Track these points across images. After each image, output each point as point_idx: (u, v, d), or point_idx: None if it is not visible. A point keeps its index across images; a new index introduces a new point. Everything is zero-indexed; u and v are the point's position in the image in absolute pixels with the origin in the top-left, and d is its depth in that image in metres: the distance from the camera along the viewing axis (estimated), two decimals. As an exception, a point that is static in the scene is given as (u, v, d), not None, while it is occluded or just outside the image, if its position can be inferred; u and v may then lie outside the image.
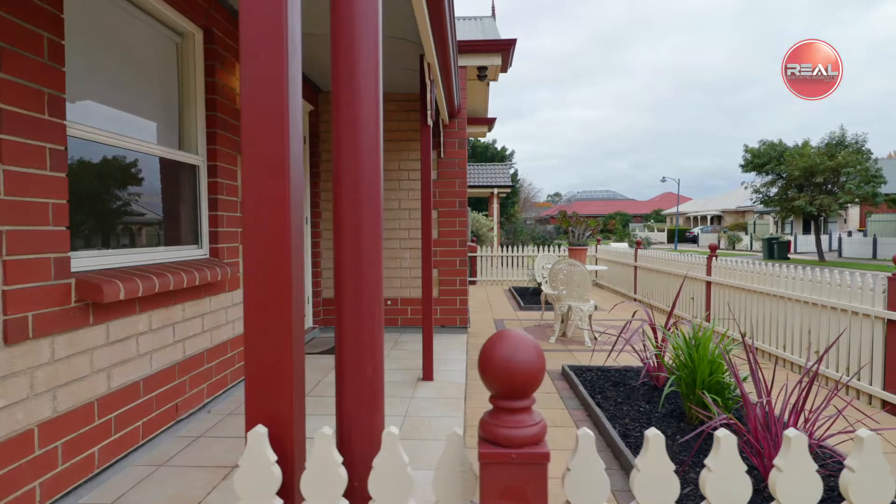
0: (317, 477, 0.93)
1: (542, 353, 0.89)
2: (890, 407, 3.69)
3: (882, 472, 1.01)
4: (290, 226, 1.01)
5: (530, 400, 0.88)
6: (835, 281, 4.25)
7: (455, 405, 3.88)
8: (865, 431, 1.04)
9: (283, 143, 1.03)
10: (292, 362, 0.98)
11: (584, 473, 0.97)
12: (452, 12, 3.65)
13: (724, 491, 1.02)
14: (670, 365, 3.43)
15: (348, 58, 1.14)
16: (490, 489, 0.84)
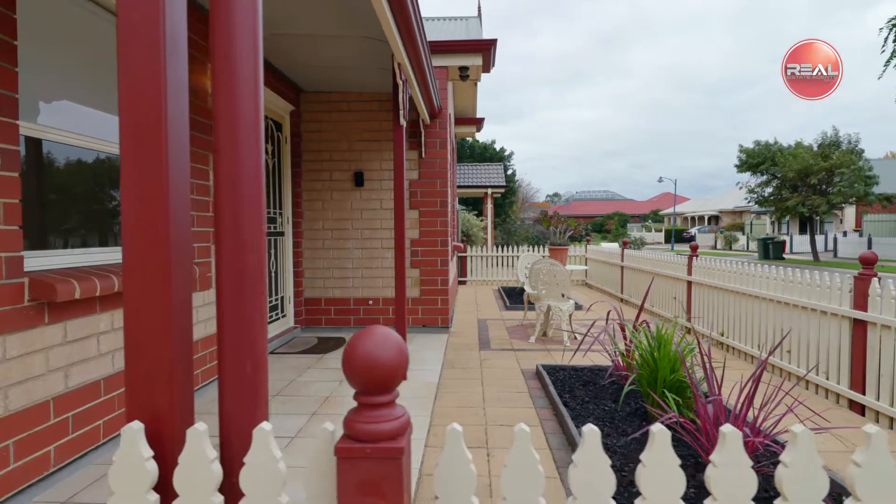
0: (189, 473, 0.94)
1: (404, 350, 0.90)
2: (856, 406, 3.70)
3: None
4: (168, 221, 1.02)
5: (392, 395, 0.89)
6: (805, 280, 4.26)
7: (424, 405, 3.89)
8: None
9: (159, 122, 1.04)
10: (171, 360, 0.99)
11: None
12: (418, 12, 3.67)
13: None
14: (635, 364, 3.44)
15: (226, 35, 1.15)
16: (346, 483, 0.85)
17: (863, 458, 1.02)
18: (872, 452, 1.02)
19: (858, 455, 1.03)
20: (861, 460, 1.02)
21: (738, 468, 1.03)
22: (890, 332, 3.41)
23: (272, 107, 5.88)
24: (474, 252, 12.29)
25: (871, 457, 1.02)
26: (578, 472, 1.03)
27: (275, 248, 6.03)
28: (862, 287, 3.65)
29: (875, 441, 1.02)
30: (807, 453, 1.02)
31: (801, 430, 1.04)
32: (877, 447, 1.02)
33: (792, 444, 1.04)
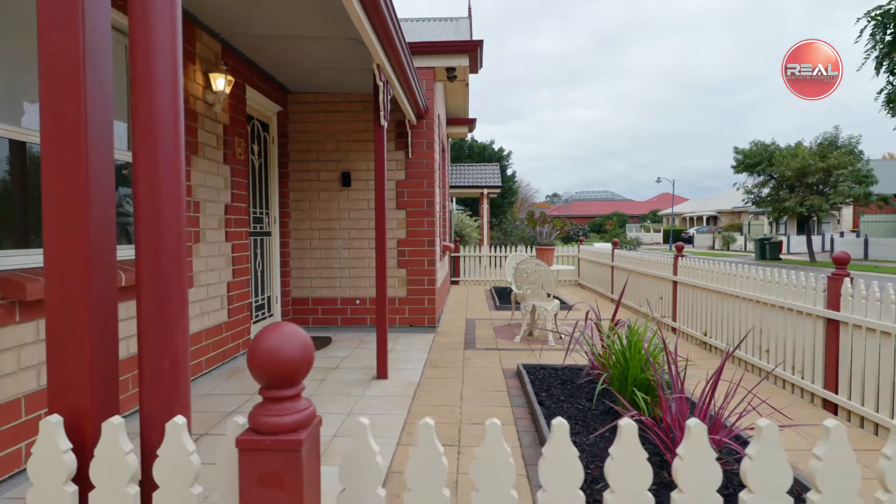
0: (104, 464, 0.97)
1: (308, 345, 0.93)
2: (830, 405, 3.72)
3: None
4: (88, 222, 1.04)
5: (296, 389, 0.92)
6: (782, 280, 4.28)
7: (402, 403, 3.92)
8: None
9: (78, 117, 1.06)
10: (91, 358, 1.02)
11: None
12: (393, 13, 3.69)
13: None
14: (608, 364, 3.47)
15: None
16: (247, 475, 0.88)
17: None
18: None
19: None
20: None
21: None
22: (861, 331, 3.44)
23: (259, 107, 5.91)
24: (467, 252, 12.32)
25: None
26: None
27: (261, 248, 6.06)
28: (835, 287, 3.68)
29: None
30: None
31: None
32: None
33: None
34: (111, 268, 1.14)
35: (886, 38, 7.35)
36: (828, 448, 1.05)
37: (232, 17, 4.34)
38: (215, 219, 4.67)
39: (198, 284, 4.35)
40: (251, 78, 5.47)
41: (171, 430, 0.97)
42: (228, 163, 4.91)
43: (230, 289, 4.94)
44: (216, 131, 4.70)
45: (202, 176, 4.44)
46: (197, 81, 4.38)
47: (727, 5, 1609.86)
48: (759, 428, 1.07)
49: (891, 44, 7.42)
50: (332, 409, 3.78)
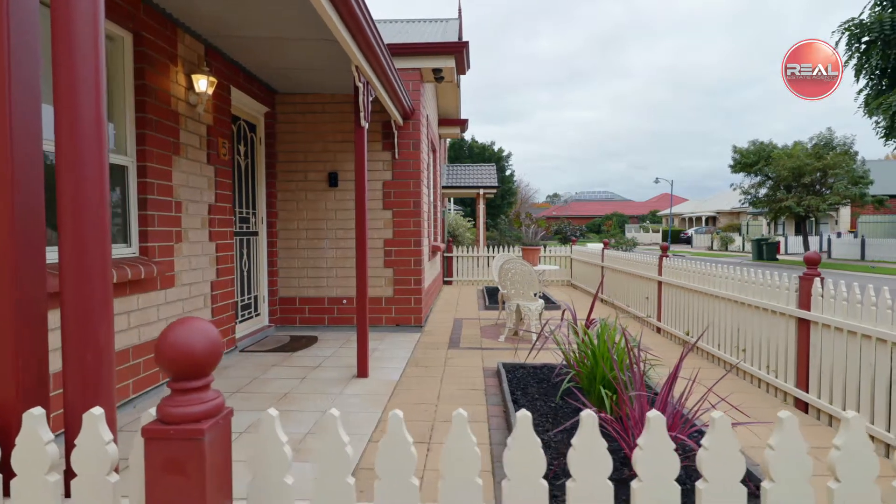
0: (25, 454, 1.01)
1: (215, 340, 0.97)
2: (801, 404, 3.76)
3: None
4: (12, 216, 1.08)
5: (203, 381, 0.96)
6: (758, 280, 4.32)
7: (378, 402, 3.96)
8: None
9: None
10: (14, 352, 1.06)
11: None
12: (367, 14, 3.73)
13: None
14: (577, 362, 3.50)
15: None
16: (152, 462, 0.92)
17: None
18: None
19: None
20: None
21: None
22: (829, 331, 3.47)
23: (245, 108, 5.95)
24: (460, 252, 12.37)
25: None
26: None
27: (248, 248, 6.10)
28: (805, 287, 3.71)
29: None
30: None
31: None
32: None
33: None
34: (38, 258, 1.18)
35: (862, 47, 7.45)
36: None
37: (214, 20, 4.38)
38: (198, 218, 4.71)
39: (179, 284, 4.39)
40: (236, 79, 5.51)
41: (88, 420, 1.01)
42: (212, 163, 4.95)
43: (214, 288, 4.98)
44: (199, 132, 4.74)
45: (184, 176, 4.49)
46: (179, 83, 4.43)
47: (726, 6, 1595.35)
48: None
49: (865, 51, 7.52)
50: (307, 408, 3.82)
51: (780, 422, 1.10)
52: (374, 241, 6.60)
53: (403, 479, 1.13)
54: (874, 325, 3.08)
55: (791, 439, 1.09)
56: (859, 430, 1.10)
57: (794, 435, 1.09)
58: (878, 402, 3.05)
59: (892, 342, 2.95)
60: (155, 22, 4.09)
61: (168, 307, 4.25)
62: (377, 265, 6.61)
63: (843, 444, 1.09)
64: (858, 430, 1.10)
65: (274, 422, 1.02)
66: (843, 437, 1.09)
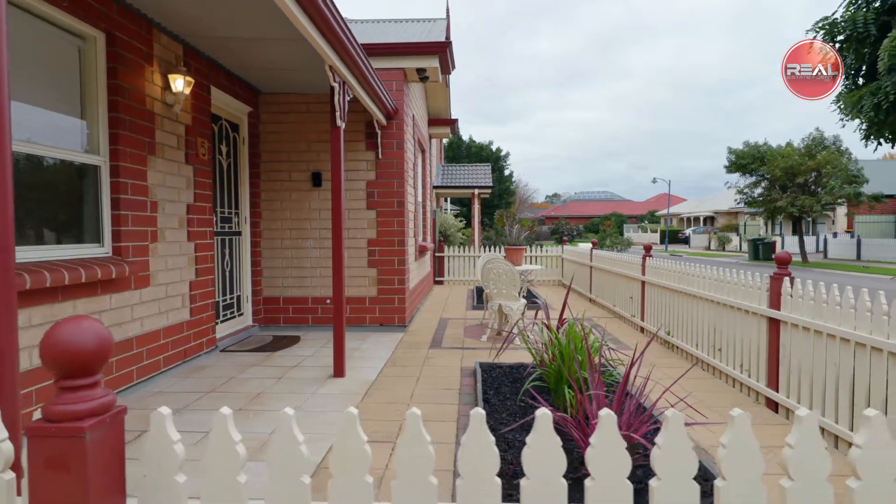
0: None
1: (104, 337, 0.97)
2: (772, 403, 3.76)
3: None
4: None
5: (90, 380, 0.97)
6: (733, 280, 4.32)
7: (350, 401, 3.97)
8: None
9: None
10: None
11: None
12: (336, 14, 3.73)
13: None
14: (546, 362, 3.51)
15: None
16: (35, 459, 0.92)
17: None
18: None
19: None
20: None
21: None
22: (798, 330, 3.47)
23: (227, 107, 5.96)
24: (451, 252, 12.37)
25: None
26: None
27: (230, 248, 6.11)
28: (776, 286, 3.72)
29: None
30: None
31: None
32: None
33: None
34: None
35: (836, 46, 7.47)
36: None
37: (191, 20, 4.39)
38: (175, 218, 4.72)
39: (155, 283, 4.40)
40: (217, 79, 5.51)
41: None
42: (191, 163, 4.95)
43: (193, 288, 4.99)
44: (177, 132, 4.74)
45: (160, 176, 4.49)
46: (155, 83, 4.43)
47: (726, 6, 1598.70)
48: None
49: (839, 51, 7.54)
50: (279, 407, 3.82)
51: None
52: (357, 241, 6.61)
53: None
54: (838, 325, 3.08)
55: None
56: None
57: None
58: (842, 402, 3.05)
59: (854, 342, 2.96)
60: (129, 22, 4.09)
61: (143, 307, 4.26)
62: (361, 265, 6.62)
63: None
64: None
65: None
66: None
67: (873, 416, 1.07)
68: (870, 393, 2.86)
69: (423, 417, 1.05)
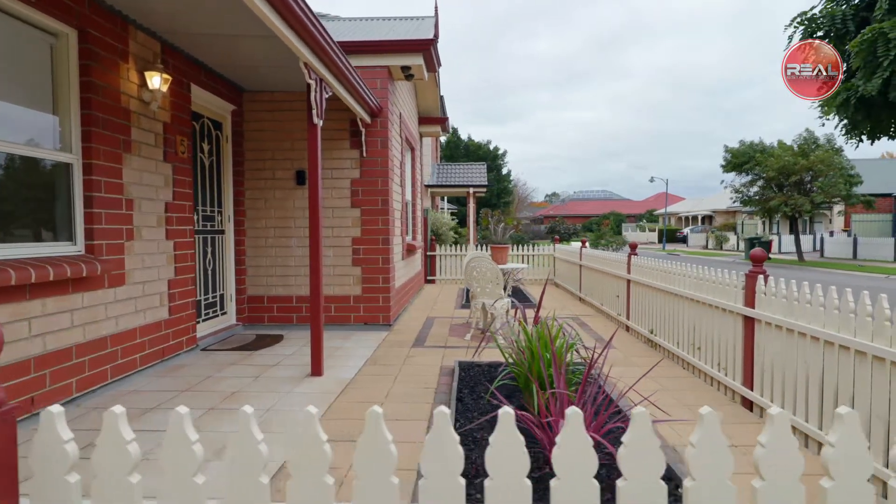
0: None
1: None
2: (747, 402, 3.74)
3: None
4: None
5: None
6: (711, 278, 4.30)
7: (324, 400, 3.95)
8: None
9: None
10: None
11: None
12: (307, 11, 3.70)
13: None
14: (516, 361, 3.49)
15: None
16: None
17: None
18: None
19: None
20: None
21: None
22: (771, 328, 3.45)
23: (209, 105, 5.93)
24: (443, 251, 12.35)
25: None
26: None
27: (213, 246, 6.08)
28: (750, 284, 3.69)
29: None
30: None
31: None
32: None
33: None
34: None
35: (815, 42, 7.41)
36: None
37: (167, 16, 4.35)
38: (153, 217, 4.69)
39: (130, 282, 4.37)
40: (198, 77, 5.48)
41: None
42: (169, 161, 4.93)
43: (172, 286, 4.96)
44: (155, 129, 4.71)
45: (137, 174, 4.46)
46: (131, 80, 4.40)
47: (725, 5, 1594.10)
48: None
49: None
50: (253, 406, 3.77)
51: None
52: (342, 240, 6.58)
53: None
54: (808, 323, 3.06)
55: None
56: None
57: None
58: (812, 400, 3.03)
59: (823, 340, 2.93)
60: (102, 19, 4.06)
61: (118, 305, 4.23)
62: (345, 263, 6.59)
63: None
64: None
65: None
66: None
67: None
68: (838, 391, 2.84)
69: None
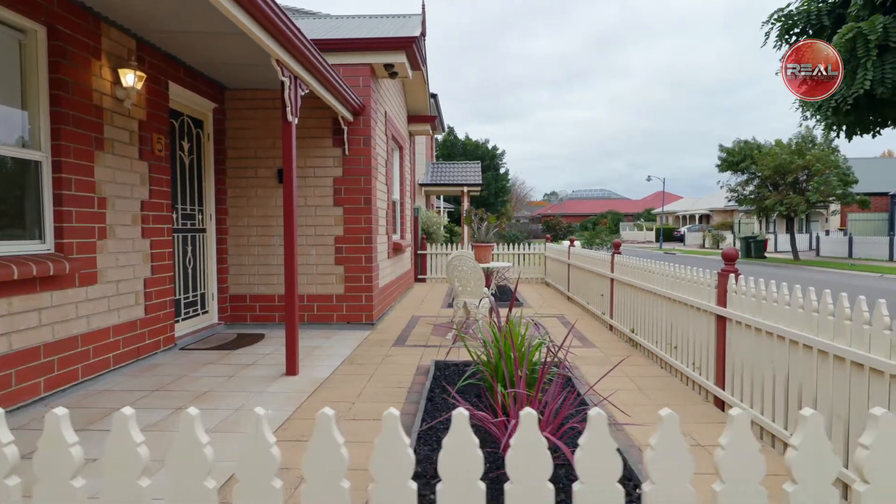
0: None
1: None
2: (720, 402, 3.71)
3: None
4: None
5: None
6: (686, 277, 4.27)
7: (295, 399, 3.92)
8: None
9: None
10: None
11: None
12: (275, 7, 3.66)
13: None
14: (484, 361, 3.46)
15: None
16: None
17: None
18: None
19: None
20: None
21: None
22: (741, 327, 3.43)
23: (189, 103, 5.89)
24: (434, 250, 12.32)
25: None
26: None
27: (193, 245, 6.05)
28: (722, 283, 3.67)
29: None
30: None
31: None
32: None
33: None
34: None
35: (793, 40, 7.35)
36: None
37: (140, 13, 4.32)
38: (128, 215, 4.66)
39: (103, 281, 4.34)
40: (176, 74, 5.45)
41: None
42: (145, 159, 4.89)
43: (148, 285, 4.93)
44: (129, 127, 4.68)
45: (110, 172, 4.43)
46: (104, 77, 4.37)
47: (723, 5, 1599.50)
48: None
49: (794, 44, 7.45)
50: (223, 405, 3.78)
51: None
52: (324, 238, 6.55)
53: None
54: (775, 322, 3.04)
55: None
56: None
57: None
58: (779, 400, 3.00)
59: (788, 339, 2.91)
60: (72, 15, 4.03)
61: (90, 304, 4.20)
62: (328, 262, 6.57)
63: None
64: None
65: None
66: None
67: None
68: (801, 392, 2.81)
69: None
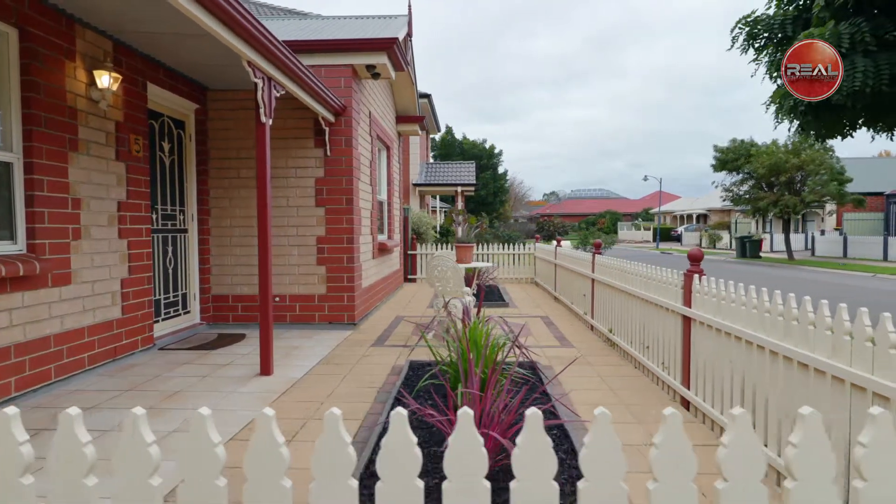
0: None
1: None
2: (685, 402, 3.73)
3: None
4: None
5: None
6: (656, 277, 4.29)
7: (265, 399, 3.94)
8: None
9: None
10: None
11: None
12: (241, 9, 3.68)
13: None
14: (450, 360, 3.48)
15: None
16: None
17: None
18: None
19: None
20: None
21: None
22: (704, 327, 3.45)
23: (169, 104, 5.91)
24: (424, 250, 12.33)
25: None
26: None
27: (174, 245, 6.07)
28: (688, 284, 3.69)
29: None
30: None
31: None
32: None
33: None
34: None
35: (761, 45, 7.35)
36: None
37: (111, 14, 4.34)
38: (104, 216, 4.68)
39: (78, 281, 4.36)
40: (155, 75, 5.47)
41: None
42: (122, 159, 4.92)
43: (125, 285, 4.95)
44: (105, 128, 4.70)
45: (84, 173, 4.45)
46: (78, 78, 4.39)
47: (723, 5, 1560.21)
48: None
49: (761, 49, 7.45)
50: (192, 405, 3.80)
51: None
52: (306, 239, 6.57)
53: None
54: (732, 323, 3.06)
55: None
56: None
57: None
58: (736, 400, 3.02)
59: (744, 339, 2.93)
60: (45, 17, 4.05)
61: (64, 305, 4.22)
62: (310, 262, 6.59)
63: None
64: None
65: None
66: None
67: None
68: (755, 392, 2.83)
69: None
